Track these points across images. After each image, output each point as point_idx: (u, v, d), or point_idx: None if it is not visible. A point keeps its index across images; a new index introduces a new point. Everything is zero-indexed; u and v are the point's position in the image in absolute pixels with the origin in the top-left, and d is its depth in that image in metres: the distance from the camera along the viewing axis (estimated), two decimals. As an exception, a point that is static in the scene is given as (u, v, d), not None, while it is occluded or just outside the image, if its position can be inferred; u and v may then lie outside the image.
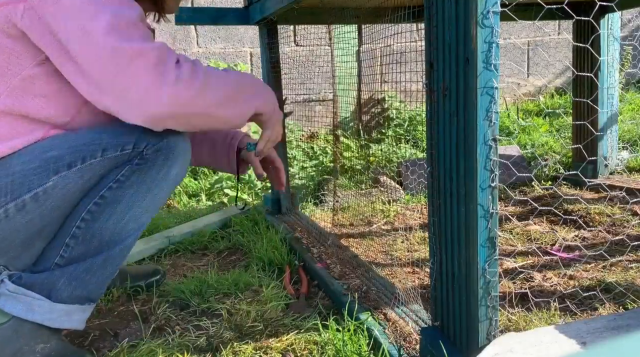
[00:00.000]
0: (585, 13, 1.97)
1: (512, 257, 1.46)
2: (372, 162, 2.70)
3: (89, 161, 0.97)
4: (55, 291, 1.00)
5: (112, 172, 1.01)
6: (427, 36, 0.83)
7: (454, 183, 0.80)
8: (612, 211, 1.77)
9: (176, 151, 1.04)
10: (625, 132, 2.74)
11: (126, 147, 1.00)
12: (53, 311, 1.00)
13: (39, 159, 0.95)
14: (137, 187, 1.02)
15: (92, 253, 1.01)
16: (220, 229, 1.94)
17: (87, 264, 1.01)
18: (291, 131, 3.23)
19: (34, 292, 0.99)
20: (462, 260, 0.80)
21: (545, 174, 2.38)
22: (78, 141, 0.98)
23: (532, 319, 1.11)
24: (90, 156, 0.97)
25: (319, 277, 1.39)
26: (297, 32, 3.44)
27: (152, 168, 1.02)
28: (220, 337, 1.14)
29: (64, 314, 1.01)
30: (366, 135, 3.38)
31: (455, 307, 0.84)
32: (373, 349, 1.02)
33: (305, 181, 2.56)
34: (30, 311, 0.98)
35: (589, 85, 2.12)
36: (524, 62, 3.91)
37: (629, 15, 3.92)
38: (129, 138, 1.00)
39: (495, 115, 0.75)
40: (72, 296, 1.01)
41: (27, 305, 0.98)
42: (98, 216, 1.00)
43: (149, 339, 1.14)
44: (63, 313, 1.01)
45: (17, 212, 0.94)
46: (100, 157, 0.98)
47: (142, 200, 1.03)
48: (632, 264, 1.37)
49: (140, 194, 1.02)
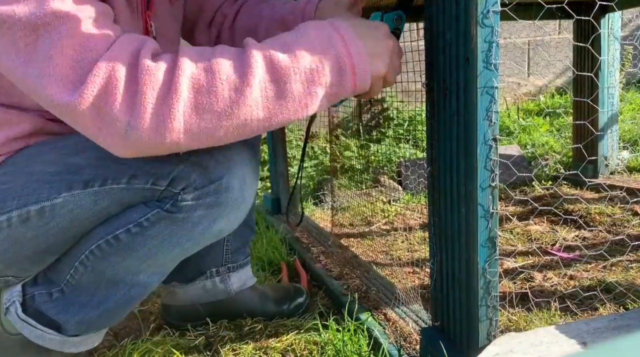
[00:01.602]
0: (586, 13, 1.97)
1: (513, 257, 1.46)
2: (372, 162, 2.70)
3: (109, 186, 0.77)
4: (65, 330, 0.89)
5: (137, 210, 0.80)
6: (427, 36, 0.83)
7: (454, 183, 0.80)
8: (612, 210, 1.77)
9: (225, 204, 0.80)
10: (626, 132, 2.73)
11: (159, 182, 0.77)
12: (65, 343, 0.90)
13: (61, 163, 0.78)
14: (162, 240, 0.81)
15: (105, 287, 0.86)
16: (220, 229, 1.94)
17: (100, 308, 0.88)
18: (291, 131, 3.23)
19: (44, 326, 0.88)
20: (462, 260, 0.80)
21: (546, 173, 2.38)
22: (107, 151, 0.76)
23: (532, 319, 1.10)
24: (113, 179, 0.77)
25: (318, 277, 1.39)
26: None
27: (186, 221, 0.79)
28: (219, 337, 1.14)
29: (79, 343, 0.92)
30: (366, 135, 3.38)
31: (456, 307, 0.84)
32: (373, 349, 1.02)
33: (305, 180, 2.56)
34: (41, 339, 0.89)
35: (589, 85, 2.11)
36: (524, 62, 3.91)
37: (629, 15, 3.92)
38: (167, 170, 0.77)
39: (496, 115, 0.74)
40: (86, 332, 0.92)
41: (37, 335, 0.89)
42: (108, 256, 0.82)
43: (149, 339, 1.14)
44: (77, 342, 0.92)
45: (20, 223, 0.78)
46: (125, 184, 0.77)
47: (168, 253, 0.83)
48: (632, 264, 1.37)
49: (166, 247, 0.82)
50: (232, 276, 1.18)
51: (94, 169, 0.77)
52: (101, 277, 0.85)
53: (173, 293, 1.19)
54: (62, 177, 0.77)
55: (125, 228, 0.80)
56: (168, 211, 0.78)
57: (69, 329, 0.89)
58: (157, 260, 0.84)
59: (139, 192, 0.78)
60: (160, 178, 0.77)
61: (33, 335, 0.88)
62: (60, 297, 0.88)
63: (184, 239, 0.82)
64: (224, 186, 0.78)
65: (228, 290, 1.18)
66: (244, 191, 0.82)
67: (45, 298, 0.88)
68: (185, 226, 0.80)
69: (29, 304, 0.88)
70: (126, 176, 0.77)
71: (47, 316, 0.88)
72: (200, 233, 0.82)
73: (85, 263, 0.84)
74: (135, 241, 0.81)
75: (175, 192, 0.77)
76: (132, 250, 0.81)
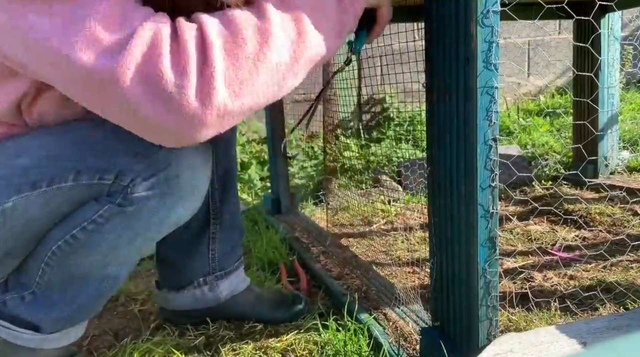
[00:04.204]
0: (586, 13, 1.96)
1: (513, 257, 1.46)
2: (372, 162, 2.70)
3: (57, 185, 0.75)
4: (43, 328, 0.89)
5: (89, 207, 0.79)
6: (427, 36, 0.83)
7: (454, 183, 0.80)
8: (612, 210, 1.76)
9: (177, 192, 0.79)
10: (626, 132, 2.73)
11: (105, 176, 0.76)
12: (45, 340, 0.90)
13: (6, 165, 0.76)
14: (120, 232, 0.80)
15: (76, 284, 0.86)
16: (220, 229, 1.94)
17: (74, 305, 0.88)
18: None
19: (20, 327, 0.87)
20: (462, 260, 0.80)
21: (546, 173, 2.38)
22: (52, 149, 0.76)
23: (532, 319, 1.10)
24: (60, 178, 0.75)
25: (318, 277, 1.39)
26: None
27: (141, 212, 0.78)
28: (219, 336, 1.14)
29: (59, 338, 0.92)
30: (366, 135, 3.38)
31: (455, 307, 0.84)
32: (373, 349, 1.02)
33: (305, 180, 2.56)
34: (19, 339, 0.88)
35: (589, 85, 2.11)
36: (524, 62, 3.91)
37: (629, 15, 3.92)
38: (113, 161, 0.75)
39: (495, 115, 0.74)
40: (63, 328, 0.91)
41: (15, 336, 0.88)
42: (69, 255, 0.82)
43: (149, 339, 1.14)
44: (57, 337, 0.91)
45: None
46: (72, 181, 0.76)
47: (130, 243, 0.82)
48: (632, 264, 1.37)
49: (126, 238, 0.81)
50: (221, 284, 1.17)
51: (39, 169, 0.75)
52: (69, 275, 0.85)
53: (166, 299, 1.20)
54: (9, 181, 0.75)
55: (81, 227, 0.79)
56: (120, 205, 0.77)
57: (45, 327, 0.89)
58: (121, 252, 0.84)
59: (87, 189, 0.77)
60: (106, 172, 0.75)
61: (11, 337, 0.88)
62: (32, 300, 0.87)
63: (143, 229, 0.81)
64: (173, 174, 0.77)
65: (217, 298, 1.18)
66: (195, 178, 0.81)
67: (18, 302, 0.87)
68: (141, 217, 0.79)
69: (1, 310, 0.87)
70: (72, 173, 0.75)
71: (22, 318, 0.87)
72: (158, 222, 0.81)
73: (50, 264, 0.83)
74: (93, 237, 0.80)
75: (124, 185, 0.76)
76: (93, 247, 0.81)
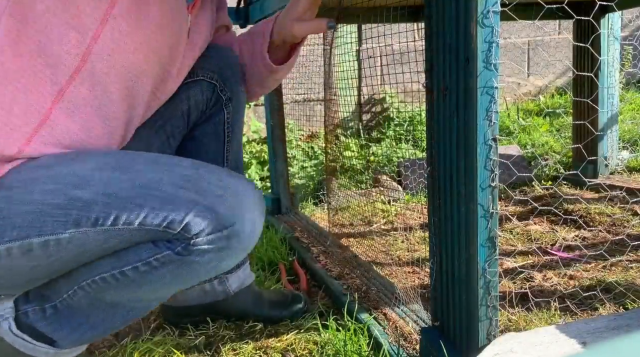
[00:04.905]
0: (586, 13, 1.97)
1: (512, 257, 1.46)
2: (372, 162, 2.70)
3: (121, 225, 0.75)
4: (59, 345, 0.88)
5: (145, 248, 0.78)
6: (427, 36, 0.83)
7: (454, 183, 0.80)
8: (612, 210, 1.77)
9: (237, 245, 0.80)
10: (626, 132, 2.73)
11: (172, 226, 0.75)
12: (57, 354, 0.89)
13: (62, 195, 0.75)
14: (169, 278, 0.80)
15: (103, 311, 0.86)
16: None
17: (96, 330, 0.88)
18: (291, 131, 3.23)
19: (36, 340, 0.86)
20: (462, 260, 0.80)
21: (546, 173, 2.38)
22: (114, 186, 0.76)
23: (532, 319, 1.10)
24: (124, 221, 0.75)
25: (318, 277, 1.39)
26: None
27: (197, 263, 0.79)
28: (219, 336, 1.14)
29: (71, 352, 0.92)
30: (366, 135, 3.38)
31: (455, 307, 0.84)
32: (373, 349, 1.02)
33: (305, 180, 2.56)
34: (33, 351, 0.86)
35: (589, 85, 2.11)
36: (524, 62, 3.91)
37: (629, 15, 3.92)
38: (180, 214, 0.75)
39: (495, 115, 0.75)
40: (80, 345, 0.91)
41: (30, 348, 0.86)
42: (112, 288, 0.82)
43: (149, 338, 1.14)
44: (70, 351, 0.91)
45: (21, 255, 0.76)
46: (138, 225, 0.75)
47: (172, 286, 0.83)
48: (632, 264, 1.37)
49: (172, 283, 0.82)
50: (230, 277, 1.19)
51: (101, 208, 0.75)
52: (101, 302, 0.85)
53: (172, 295, 1.19)
54: (67, 212, 0.75)
55: (133, 266, 0.79)
56: (179, 254, 0.77)
57: (63, 345, 0.88)
58: (161, 293, 0.86)
59: (150, 233, 0.76)
60: (174, 222, 0.75)
61: (25, 348, 0.86)
62: (53, 314, 0.86)
63: (190, 277, 0.82)
64: (236, 231, 0.78)
65: (227, 291, 1.19)
66: (253, 234, 0.82)
67: (39, 315, 0.87)
68: (193, 267, 0.79)
69: (22, 320, 0.86)
70: (138, 219, 0.75)
71: (41, 332, 0.86)
72: (206, 272, 0.82)
73: (85, 289, 0.83)
74: (142, 278, 0.80)
75: (188, 237, 0.76)
76: (138, 285, 0.81)
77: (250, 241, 0.82)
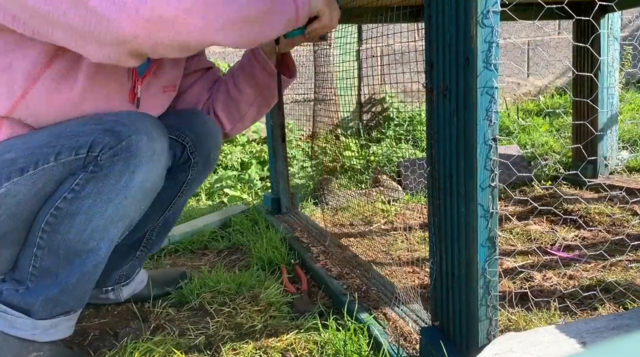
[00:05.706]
0: (586, 13, 1.97)
1: (512, 257, 1.46)
2: (372, 162, 2.70)
3: (42, 166, 0.89)
4: (34, 312, 0.97)
5: (68, 180, 0.92)
6: (427, 36, 0.83)
7: (454, 183, 0.80)
8: (612, 210, 1.77)
9: (138, 155, 0.92)
10: (625, 132, 2.74)
11: (80, 151, 0.90)
12: (36, 327, 0.98)
13: None
14: (94, 198, 0.92)
15: (63, 264, 0.96)
16: (220, 229, 1.94)
17: (61, 284, 0.97)
18: (291, 131, 3.23)
19: (14, 310, 0.96)
20: (462, 260, 0.80)
21: (545, 173, 2.38)
22: (34, 142, 0.91)
23: (532, 319, 1.11)
24: (44, 160, 0.89)
25: (318, 277, 1.39)
26: (297, 31, 3.43)
27: (109, 176, 0.92)
28: (220, 336, 1.14)
29: (49, 327, 0.99)
30: (366, 134, 3.38)
31: (455, 307, 0.84)
32: (373, 348, 1.02)
33: (305, 180, 2.57)
34: (13, 327, 0.97)
35: (589, 85, 2.11)
36: (524, 62, 3.91)
37: (629, 15, 3.92)
38: (85, 139, 0.90)
39: (495, 115, 0.75)
40: (53, 313, 0.99)
41: (8, 322, 0.97)
42: (57, 227, 0.93)
43: (149, 338, 1.14)
44: (47, 326, 0.99)
45: None
46: (54, 161, 0.90)
47: (103, 211, 0.93)
48: (632, 263, 1.37)
49: (100, 205, 0.93)
50: (124, 289, 1.34)
51: (25, 159, 0.89)
52: (57, 255, 0.95)
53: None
54: (1, 172, 0.89)
55: (62, 197, 0.92)
56: (92, 172, 0.91)
57: (36, 311, 0.97)
58: (97, 222, 0.94)
59: (66, 165, 0.91)
60: (81, 148, 0.90)
61: (6, 325, 0.97)
62: (25, 290, 0.98)
63: (113, 194, 0.93)
64: (133, 141, 0.91)
65: (118, 299, 1.34)
66: (152, 144, 0.94)
67: (13, 292, 0.98)
68: (108, 181, 0.92)
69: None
70: (53, 155, 0.90)
71: (15, 304, 0.97)
72: (124, 187, 0.93)
73: (41, 245, 0.94)
74: (72, 205, 0.92)
75: (95, 155, 0.90)
76: (73, 215, 0.92)
77: (151, 149, 0.94)
